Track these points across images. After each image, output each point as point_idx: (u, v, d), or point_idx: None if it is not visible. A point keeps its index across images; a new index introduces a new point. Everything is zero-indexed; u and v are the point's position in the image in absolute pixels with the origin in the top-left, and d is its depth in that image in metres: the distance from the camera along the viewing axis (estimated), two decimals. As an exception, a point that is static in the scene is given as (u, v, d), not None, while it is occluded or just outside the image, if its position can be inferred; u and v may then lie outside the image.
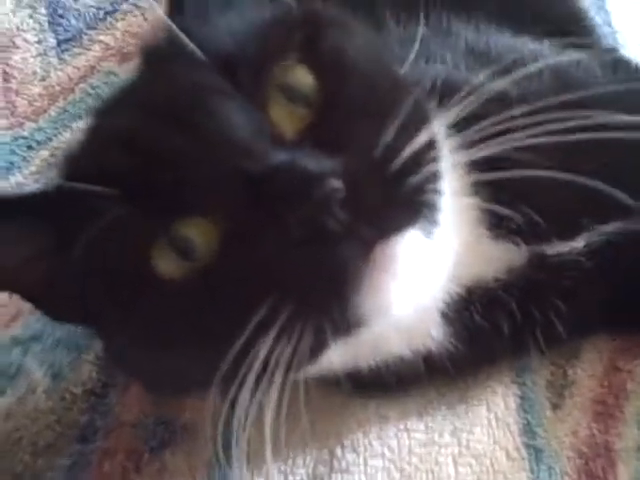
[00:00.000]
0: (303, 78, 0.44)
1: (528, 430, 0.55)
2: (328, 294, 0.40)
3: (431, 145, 0.44)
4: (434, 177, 0.43)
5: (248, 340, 0.39)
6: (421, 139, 0.42)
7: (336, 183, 0.39)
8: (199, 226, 0.41)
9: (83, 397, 0.58)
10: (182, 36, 0.43)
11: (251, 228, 0.40)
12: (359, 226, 0.39)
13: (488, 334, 0.52)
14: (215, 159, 0.41)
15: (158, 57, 0.48)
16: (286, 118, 0.43)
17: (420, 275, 0.43)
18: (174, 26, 0.44)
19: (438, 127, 0.49)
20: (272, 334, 0.39)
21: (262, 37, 0.45)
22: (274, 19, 0.47)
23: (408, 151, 0.41)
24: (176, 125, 0.42)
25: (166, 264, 0.42)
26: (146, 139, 0.42)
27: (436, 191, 0.43)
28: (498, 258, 0.51)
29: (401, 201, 0.41)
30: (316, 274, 0.39)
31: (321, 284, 0.39)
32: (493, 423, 0.55)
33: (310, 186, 0.38)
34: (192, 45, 0.43)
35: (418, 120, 0.44)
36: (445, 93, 0.50)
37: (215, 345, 0.41)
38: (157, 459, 0.55)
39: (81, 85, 0.78)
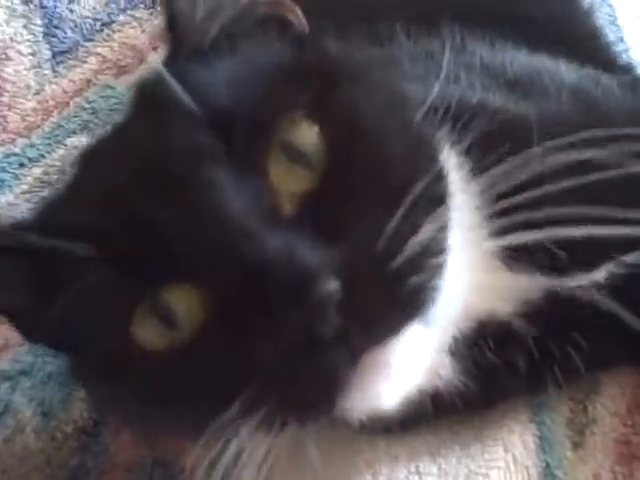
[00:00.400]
0: (308, 137, 0.41)
1: (548, 473, 0.52)
2: (313, 395, 0.38)
3: (440, 232, 0.41)
4: (438, 271, 0.40)
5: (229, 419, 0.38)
6: (429, 229, 0.40)
7: (333, 284, 0.36)
8: (184, 295, 0.39)
9: (74, 436, 0.55)
10: (176, 87, 0.40)
11: (239, 312, 0.38)
12: (351, 332, 0.37)
13: (501, 370, 0.49)
14: (206, 233, 0.38)
15: (151, 101, 0.44)
16: (286, 181, 0.40)
17: (415, 365, 0.41)
18: (167, 74, 0.41)
19: (451, 156, 0.47)
20: (252, 423, 0.38)
21: (266, 88, 0.42)
22: (281, 65, 0.44)
23: (413, 245, 0.39)
24: (165, 191, 0.39)
25: (147, 332, 0.40)
26: (133, 202, 0.39)
27: (439, 285, 0.40)
28: (513, 291, 0.49)
29: (400, 302, 0.39)
30: (302, 375, 0.37)
31: (306, 385, 0.38)
32: (511, 466, 0.52)
33: (307, 285, 0.36)
34: (186, 97, 0.40)
35: (432, 202, 0.41)
36: (459, 115, 0.49)
37: (195, 415, 0.39)
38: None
39: (76, 99, 0.76)
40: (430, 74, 0.56)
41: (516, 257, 0.48)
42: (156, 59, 0.43)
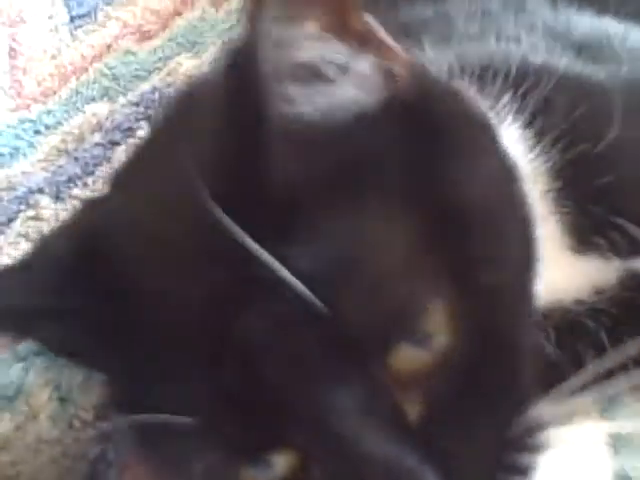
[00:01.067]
0: (436, 320, 0.35)
1: (623, 475, 0.46)
2: None
3: None
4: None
5: None
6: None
7: None
8: (288, 457, 0.36)
9: (94, 424, 0.51)
10: (292, 280, 0.33)
11: None
12: None
13: (566, 365, 0.45)
14: (331, 453, 0.34)
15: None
16: (404, 369, 0.35)
17: None
18: (273, 261, 0.33)
19: (513, 129, 0.44)
20: None
21: (389, 261, 0.34)
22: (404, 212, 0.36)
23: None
24: (277, 394, 0.34)
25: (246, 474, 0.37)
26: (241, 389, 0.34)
27: None
28: (582, 276, 0.45)
29: None
30: None
31: None
32: (581, 466, 0.47)
33: None
34: (304, 290, 0.33)
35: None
36: (522, 78, 0.45)
37: None
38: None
39: (96, 65, 0.74)
40: (487, 33, 0.53)
41: (588, 239, 0.45)
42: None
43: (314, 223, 0.34)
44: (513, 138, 0.43)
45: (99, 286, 0.37)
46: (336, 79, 0.35)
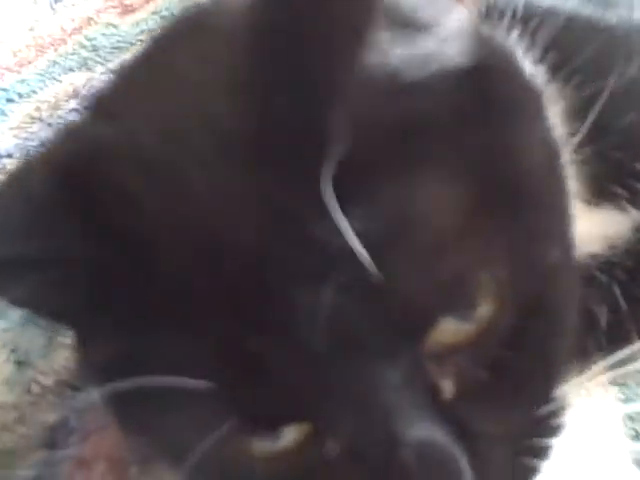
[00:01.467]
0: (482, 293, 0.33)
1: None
2: None
3: None
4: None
5: None
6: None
7: None
8: (299, 428, 0.34)
9: (55, 390, 0.47)
10: (353, 242, 0.29)
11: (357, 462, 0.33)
12: None
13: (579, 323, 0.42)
14: (354, 417, 0.32)
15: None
16: (447, 341, 0.33)
17: None
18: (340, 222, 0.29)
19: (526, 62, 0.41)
20: None
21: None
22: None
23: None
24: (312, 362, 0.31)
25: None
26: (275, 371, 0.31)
27: None
28: (597, 228, 0.43)
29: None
30: None
31: None
32: (592, 434, 0.43)
33: None
34: (362, 253, 0.29)
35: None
36: (529, 17, 0.43)
37: None
38: (148, 471, 0.44)
39: (75, 37, 0.72)
40: None
41: (605, 189, 0.42)
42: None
43: (377, 183, 0.31)
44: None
45: (83, 226, 0.32)
46: (426, 30, 0.32)
